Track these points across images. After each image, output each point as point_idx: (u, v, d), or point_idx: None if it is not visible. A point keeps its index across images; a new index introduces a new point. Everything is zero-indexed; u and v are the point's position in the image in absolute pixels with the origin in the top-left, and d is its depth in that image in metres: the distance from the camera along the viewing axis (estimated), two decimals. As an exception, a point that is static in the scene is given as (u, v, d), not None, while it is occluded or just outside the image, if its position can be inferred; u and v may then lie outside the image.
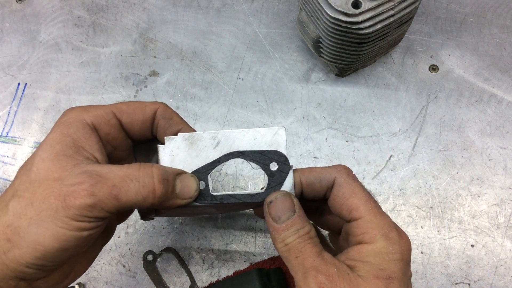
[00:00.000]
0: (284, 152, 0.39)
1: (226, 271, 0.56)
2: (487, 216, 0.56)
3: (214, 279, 0.55)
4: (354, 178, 0.39)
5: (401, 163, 0.59)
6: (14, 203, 0.34)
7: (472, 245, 0.55)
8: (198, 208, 0.40)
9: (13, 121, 0.63)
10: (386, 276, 0.34)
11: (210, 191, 0.39)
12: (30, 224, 0.33)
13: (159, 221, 0.58)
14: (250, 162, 0.39)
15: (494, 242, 0.55)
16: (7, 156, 0.61)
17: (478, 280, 0.54)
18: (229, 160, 0.39)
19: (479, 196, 0.57)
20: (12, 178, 0.60)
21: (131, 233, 0.57)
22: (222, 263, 0.56)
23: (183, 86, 0.63)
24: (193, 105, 0.62)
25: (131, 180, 0.34)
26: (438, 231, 0.56)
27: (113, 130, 0.39)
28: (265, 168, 0.39)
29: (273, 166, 0.39)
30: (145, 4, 0.68)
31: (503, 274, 0.54)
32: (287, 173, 0.39)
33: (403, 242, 0.36)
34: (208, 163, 0.39)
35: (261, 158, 0.39)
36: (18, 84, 0.64)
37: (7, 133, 0.62)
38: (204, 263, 0.56)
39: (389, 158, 0.59)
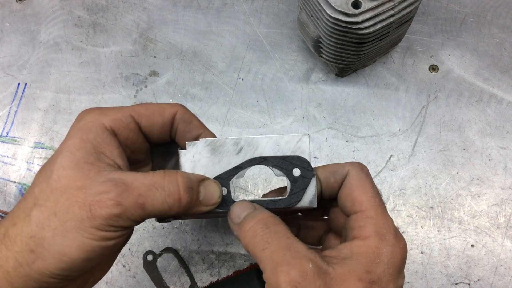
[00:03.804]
0: (308, 159, 0.38)
1: (226, 271, 0.56)
2: (487, 216, 0.56)
3: (214, 279, 0.55)
4: (367, 174, 0.38)
5: (401, 163, 0.59)
6: (36, 212, 0.33)
7: (472, 245, 0.55)
8: (219, 213, 0.39)
9: (13, 121, 0.63)
10: (370, 280, 0.32)
11: (233, 198, 0.38)
12: (54, 235, 0.32)
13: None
14: (273, 168, 0.39)
15: (494, 242, 0.55)
16: (7, 156, 0.61)
17: (478, 280, 0.54)
18: (252, 166, 0.39)
19: (479, 196, 0.57)
20: (12, 178, 0.60)
21: (131, 233, 0.57)
22: (222, 263, 0.56)
23: (183, 86, 0.63)
24: (193, 105, 0.62)
25: (157, 189, 0.34)
26: (438, 231, 0.56)
27: (132, 135, 0.38)
28: (288, 174, 0.38)
29: (296, 172, 0.38)
30: (145, 4, 0.68)
31: (503, 274, 0.54)
32: (310, 179, 0.38)
33: (398, 247, 0.34)
34: (230, 169, 0.38)
35: (283, 163, 0.38)
36: (18, 84, 0.64)
37: (7, 133, 0.62)
38: (204, 263, 0.56)
39: (389, 158, 0.59)
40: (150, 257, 0.56)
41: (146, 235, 0.57)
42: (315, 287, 0.31)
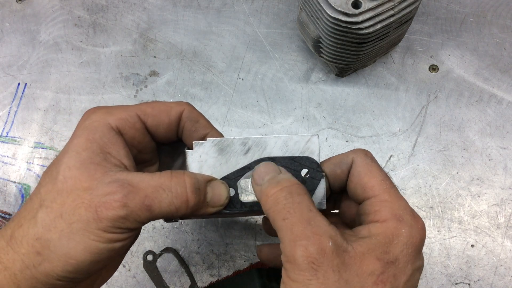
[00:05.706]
0: (317, 160, 0.38)
1: (226, 271, 0.56)
2: (487, 216, 0.56)
3: (214, 279, 0.55)
4: (372, 158, 0.37)
5: (401, 163, 0.59)
6: (42, 214, 0.33)
7: (472, 245, 0.55)
8: (226, 214, 0.39)
9: (13, 121, 0.63)
10: (388, 260, 0.32)
11: (240, 198, 0.38)
12: (60, 237, 0.32)
13: (159, 221, 0.58)
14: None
15: (494, 242, 0.55)
16: (7, 156, 0.61)
17: (478, 280, 0.54)
18: None
19: (479, 196, 0.57)
20: (12, 178, 0.60)
21: (131, 233, 0.57)
22: (222, 263, 0.56)
23: (183, 86, 0.63)
24: (193, 105, 0.62)
25: (164, 190, 0.33)
26: (438, 231, 0.56)
27: (138, 134, 0.38)
28: (297, 175, 0.38)
29: (305, 173, 0.38)
30: (145, 4, 0.68)
31: (503, 274, 0.54)
32: (319, 180, 0.37)
33: (416, 227, 0.34)
34: (237, 170, 0.38)
35: (292, 164, 0.38)
36: (18, 84, 0.64)
37: (7, 133, 0.62)
38: (204, 263, 0.56)
39: (389, 158, 0.59)
40: (150, 257, 0.56)
41: (146, 235, 0.57)
42: (332, 266, 0.30)
